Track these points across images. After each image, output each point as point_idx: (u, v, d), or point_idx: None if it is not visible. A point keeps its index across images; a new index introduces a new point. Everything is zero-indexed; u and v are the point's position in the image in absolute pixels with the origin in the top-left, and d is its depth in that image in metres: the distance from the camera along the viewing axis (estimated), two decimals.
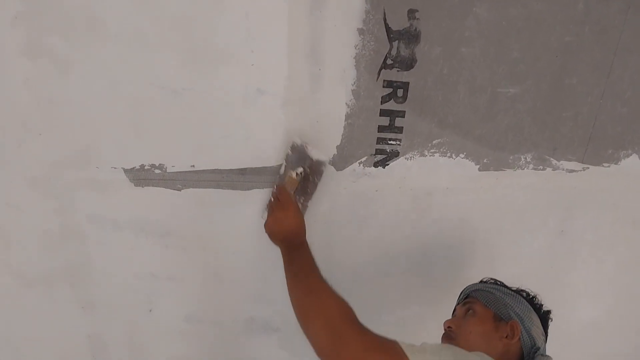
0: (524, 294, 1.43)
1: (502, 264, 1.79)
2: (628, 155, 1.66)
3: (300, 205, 1.51)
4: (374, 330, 1.16)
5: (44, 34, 1.26)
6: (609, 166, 1.66)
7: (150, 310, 1.72)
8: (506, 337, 1.30)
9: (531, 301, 1.41)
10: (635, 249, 1.87)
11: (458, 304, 1.51)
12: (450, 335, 1.36)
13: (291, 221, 1.40)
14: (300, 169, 1.46)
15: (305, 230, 1.43)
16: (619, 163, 1.66)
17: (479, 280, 1.52)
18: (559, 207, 1.73)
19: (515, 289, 1.44)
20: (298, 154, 1.46)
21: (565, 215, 1.75)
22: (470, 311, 1.39)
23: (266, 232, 1.46)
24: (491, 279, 1.50)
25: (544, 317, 1.40)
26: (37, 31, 1.25)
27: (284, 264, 1.37)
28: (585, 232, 1.80)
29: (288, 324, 1.79)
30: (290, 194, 1.45)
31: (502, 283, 1.47)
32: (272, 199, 1.47)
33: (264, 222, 1.48)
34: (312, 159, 1.46)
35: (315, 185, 1.51)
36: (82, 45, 1.28)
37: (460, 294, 1.54)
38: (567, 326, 1.52)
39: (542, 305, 1.43)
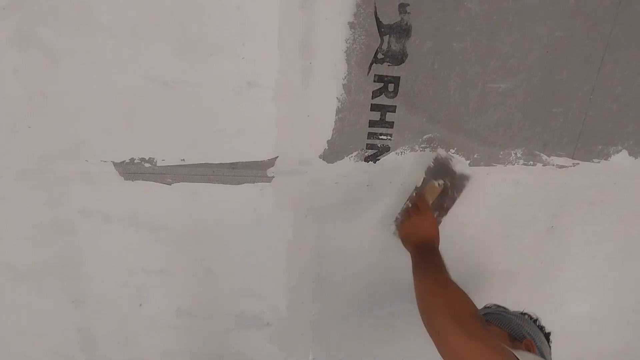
0: (527, 316, 1.48)
1: (492, 259, 1.80)
2: (618, 152, 1.66)
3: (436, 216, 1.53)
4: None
5: (34, 25, 1.25)
6: (599, 162, 1.67)
7: (141, 305, 1.72)
8: None
9: (535, 322, 1.47)
10: (625, 245, 1.88)
11: None
12: None
13: (428, 228, 1.45)
14: (441, 182, 1.48)
15: (439, 241, 1.46)
16: (608, 159, 1.67)
17: (483, 305, 1.58)
18: (548, 202, 1.74)
19: (519, 312, 1.50)
20: (440, 167, 1.47)
21: (555, 210, 1.76)
22: None
23: (400, 234, 1.50)
24: (494, 304, 1.56)
25: (547, 337, 1.45)
26: (27, 22, 1.25)
27: (414, 266, 1.38)
28: (574, 228, 1.81)
29: (279, 318, 1.80)
30: (429, 202, 1.48)
31: (505, 307, 1.52)
32: (410, 205, 1.50)
33: (398, 224, 1.52)
34: (455, 173, 1.48)
35: (453, 201, 1.53)
36: (73, 37, 1.28)
37: None
38: (556, 321, 1.52)
39: (544, 326, 1.48)
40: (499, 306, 1.54)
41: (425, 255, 1.40)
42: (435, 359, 1.19)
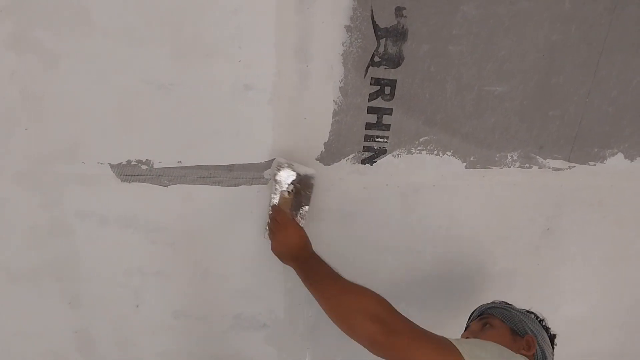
0: (533, 315, 1.49)
1: (488, 261, 1.80)
2: (614, 154, 1.67)
3: (299, 220, 1.53)
4: None
5: (31, 27, 1.25)
6: (594, 165, 1.67)
7: (138, 306, 1.72)
8: (523, 349, 1.34)
9: (540, 322, 1.48)
10: (621, 247, 1.89)
11: (472, 321, 1.56)
12: None
13: (294, 239, 1.44)
14: (291, 187, 1.47)
15: (309, 242, 1.46)
16: (604, 162, 1.67)
17: (490, 300, 1.59)
18: (545, 205, 1.74)
19: (525, 309, 1.51)
20: (285, 173, 1.47)
21: (552, 213, 1.76)
22: (488, 325, 1.45)
23: (275, 254, 1.48)
24: (501, 300, 1.57)
25: (552, 339, 1.46)
26: (24, 24, 1.25)
27: (302, 280, 1.38)
28: (571, 230, 1.81)
29: (275, 320, 1.80)
30: (286, 212, 1.48)
31: (512, 304, 1.53)
32: (270, 221, 1.50)
33: (270, 245, 1.51)
34: (300, 175, 1.48)
35: (308, 198, 1.52)
36: (70, 39, 1.28)
37: (473, 312, 1.59)
38: (553, 322, 1.52)
39: (549, 327, 1.49)
40: (506, 303, 1.55)
41: (307, 264, 1.40)
42: None
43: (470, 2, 1.36)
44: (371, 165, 1.56)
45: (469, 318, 1.60)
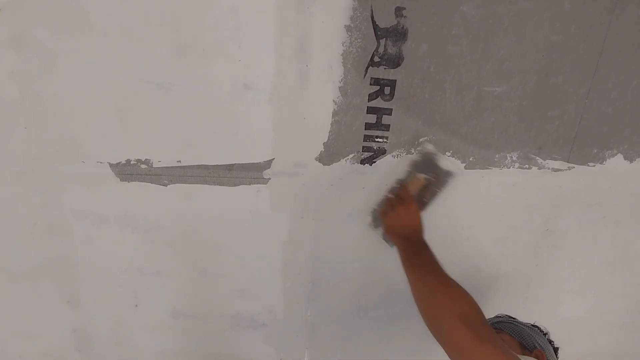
0: (538, 329, 1.49)
1: (487, 262, 1.80)
2: (613, 155, 1.67)
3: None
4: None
5: (30, 27, 1.25)
6: (594, 165, 1.68)
7: (136, 305, 1.72)
8: None
9: (545, 336, 1.47)
10: (619, 248, 1.89)
11: None
12: None
13: (413, 218, 1.43)
14: (425, 175, 1.48)
15: (423, 229, 1.45)
16: (604, 162, 1.68)
17: (494, 315, 1.59)
18: (544, 205, 1.74)
19: (530, 323, 1.51)
20: (426, 162, 1.47)
21: (550, 213, 1.76)
22: None
23: (384, 226, 1.48)
24: (505, 314, 1.57)
25: (555, 352, 1.46)
26: (23, 24, 1.25)
27: (403, 260, 1.36)
28: (569, 231, 1.81)
29: (274, 319, 1.80)
30: (412, 194, 1.47)
31: (515, 318, 1.53)
32: (393, 196, 1.49)
33: (376, 215, 1.51)
34: (441, 169, 1.48)
35: (433, 196, 1.52)
36: (69, 39, 1.28)
37: None
38: (551, 323, 1.53)
39: (553, 341, 1.49)
40: (510, 317, 1.55)
41: (415, 247, 1.38)
42: (429, 359, 1.19)
43: (470, 2, 1.36)
44: (370, 165, 1.56)
45: None
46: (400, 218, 1.44)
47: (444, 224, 1.70)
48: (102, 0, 1.25)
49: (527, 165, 1.63)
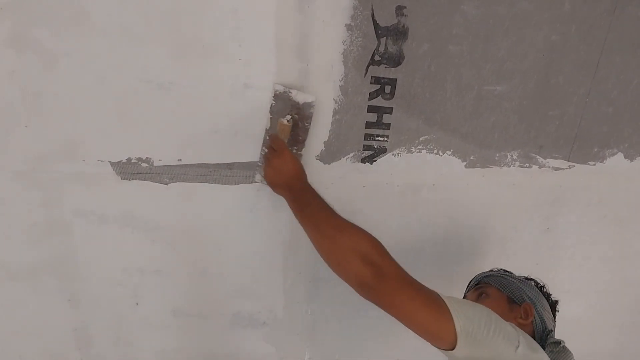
0: (533, 282, 1.46)
1: (488, 261, 1.80)
2: (613, 154, 1.67)
3: (296, 153, 1.48)
4: None
5: (30, 27, 1.25)
6: (594, 164, 1.68)
7: (137, 304, 1.72)
8: (520, 318, 1.31)
9: (540, 289, 1.45)
10: (620, 247, 1.89)
11: (468, 291, 1.53)
12: None
13: (290, 166, 1.37)
14: (289, 116, 1.41)
15: (304, 173, 1.40)
16: (604, 161, 1.68)
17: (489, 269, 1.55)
18: (544, 204, 1.75)
19: (525, 276, 1.48)
20: (283, 102, 1.42)
21: (551, 212, 1.77)
22: (484, 294, 1.42)
23: (267, 183, 1.44)
24: (500, 268, 1.54)
25: (553, 305, 1.44)
26: (24, 23, 1.25)
27: (294, 212, 1.33)
28: (570, 230, 1.82)
29: (274, 318, 1.80)
30: (284, 141, 1.41)
31: (511, 272, 1.50)
32: (267, 149, 1.44)
33: (261, 171, 1.47)
34: (298, 103, 1.42)
35: (306, 131, 1.47)
36: (69, 38, 1.28)
37: (470, 282, 1.56)
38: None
39: (550, 294, 1.46)
40: (505, 270, 1.52)
41: (302, 196, 1.35)
42: (430, 358, 1.19)
43: (471, 2, 1.36)
44: (371, 164, 1.56)
45: (466, 288, 1.56)
46: (278, 170, 1.38)
47: (444, 223, 1.70)
48: (102, 0, 1.25)
49: (527, 164, 1.64)
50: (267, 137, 1.46)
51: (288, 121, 1.40)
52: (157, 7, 1.28)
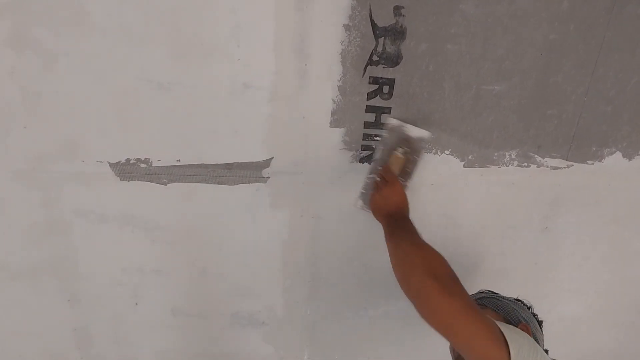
0: (521, 303, 1.48)
1: (486, 260, 1.81)
2: (612, 153, 1.67)
3: (403, 184, 1.53)
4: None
5: (30, 26, 1.26)
6: (593, 164, 1.68)
7: (136, 304, 1.72)
8: None
9: (529, 309, 1.46)
10: (618, 246, 1.89)
11: None
12: None
13: (397, 198, 1.44)
14: (402, 149, 1.47)
15: (408, 206, 1.47)
16: (602, 161, 1.68)
17: (477, 290, 1.57)
18: (543, 203, 1.75)
19: (514, 298, 1.49)
20: (396, 135, 1.48)
21: (549, 212, 1.77)
22: None
23: (371, 207, 1.50)
24: (487, 290, 1.55)
25: (540, 325, 1.45)
26: (23, 23, 1.25)
27: (387, 235, 1.37)
28: (569, 229, 1.82)
29: (274, 318, 1.81)
30: (395, 173, 1.48)
31: (498, 293, 1.52)
32: (378, 178, 1.50)
33: (365, 199, 1.54)
34: (411, 137, 1.48)
35: (415, 164, 1.52)
36: (69, 38, 1.29)
37: None
38: (550, 321, 1.52)
39: (536, 314, 1.47)
40: (492, 292, 1.53)
41: (398, 223, 1.39)
42: (429, 358, 1.20)
43: (469, 1, 1.36)
44: (370, 164, 1.56)
45: None
46: (386, 199, 1.45)
47: (443, 223, 1.70)
48: (102, 0, 1.25)
49: (526, 164, 1.64)
50: (377, 167, 1.51)
51: (402, 155, 1.47)
52: (157, 7, 1.28)
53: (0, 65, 1.29)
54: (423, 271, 1.14)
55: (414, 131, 1.48)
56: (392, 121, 1.47)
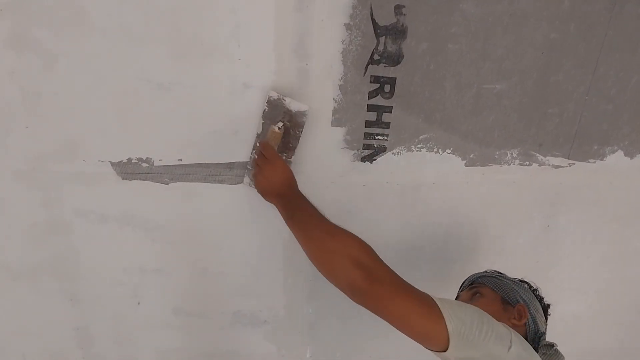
0: (526, 284, 1.46)
1: (488, 259, 1.80)
2: (613, 152, 1.67)
3: (286, 160, 1.48)
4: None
5: (30, 27, 1.26)
6: (594, 162, 1.68)
7: (138, 303, 1.72)
8: (513, 319, 1.31)
9: (534, 292, 1.44)
10: (620, 245, 1.89)
11: (462, 290, 1.53)
12: None
13: (280, 175, 1.37)
14: (280, 123, 1.41)
15: (295, 181, 1.40)
16: (604, 159, 1.68)
17: (483, 270, 1.55)
18: (544, 202, 1.75)
19: (519, 278, 1.47)
20: (276, 109, 1.42)
21: (551, 210, 1.77)
22: (478, 294, 1.42)
23: (258, 191, 1.43)
24: (493, 269, 1.53)
25: (545, 309, 1.43)
26: (23, 24, 1.25)
27: (285, 219, 1.33)
28: (570, 228, 1.82)
29: (275, 316, 1.81)
30: (274, 148, 1.41)
31: (504, 274, 1.50)
32: (257, 157, 1.43)
33: (251, 175, 1.47)
34: (291, 111, 1.43)
35: (297, 139, 1.47)
36: (69, 38, 1.28)
37: (464, 282, 1.55)
38: (551, 320, 1.52)
39: (543, 297, 1.45)
40: (498, 272, 1.51)
41: (292, 202, 1.34)
42: (430, 357, 1.20)
43: (469, 1, 1.36)
44: (371, 163, 1.56)
45: (460, 287, 1.56)
46: (268, 178, 1.38)
47: (444, 222, 1.70)
48: (102, 0, 1.25)
49: (527, 162, 1.64)
50: (258, 143, 1.46)
51: (279, 128, 1.40)
52: (157, 7, 1.28)
53: (0, 65, 1.29)
54: (346, 261, 1.13)
55: (294, 105, 1.42)
56: (271, 94, 1.41)
